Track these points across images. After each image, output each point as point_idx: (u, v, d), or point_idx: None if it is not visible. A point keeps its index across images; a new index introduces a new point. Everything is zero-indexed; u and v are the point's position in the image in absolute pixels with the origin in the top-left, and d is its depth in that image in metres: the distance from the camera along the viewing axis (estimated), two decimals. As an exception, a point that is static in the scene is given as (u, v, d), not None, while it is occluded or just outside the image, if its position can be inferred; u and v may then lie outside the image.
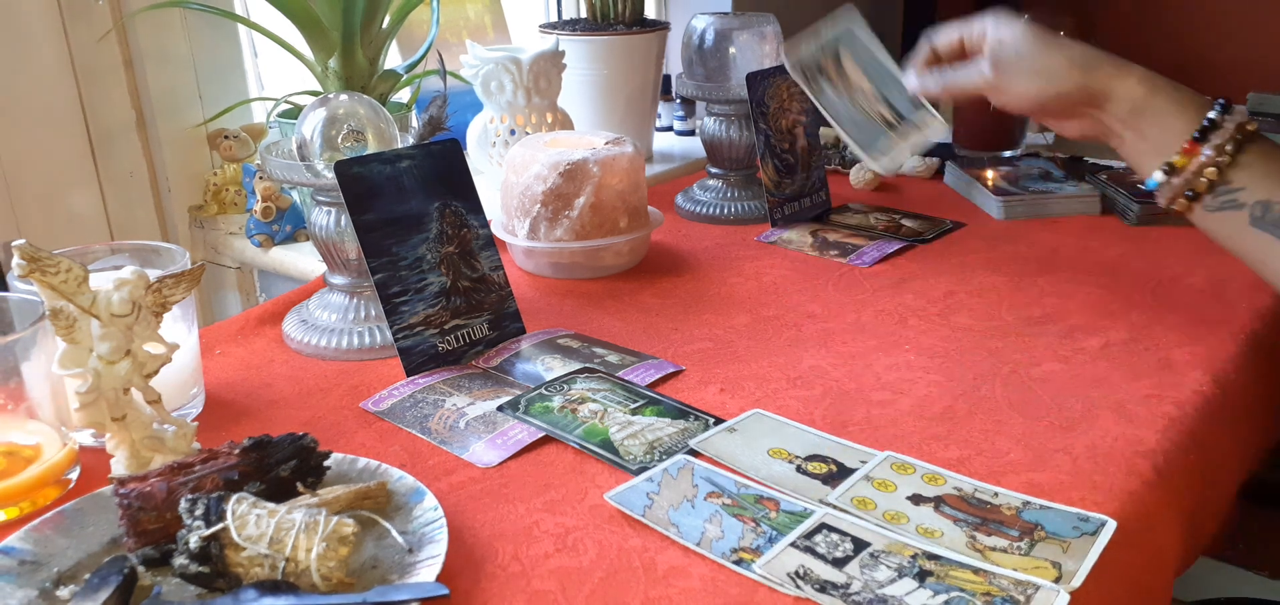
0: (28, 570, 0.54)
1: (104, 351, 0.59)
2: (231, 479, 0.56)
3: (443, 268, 0.80)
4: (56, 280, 0.58)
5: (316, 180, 0.79)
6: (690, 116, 1.63)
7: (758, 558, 0.55)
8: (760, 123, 1.11)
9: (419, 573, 0.52)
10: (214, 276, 1.23)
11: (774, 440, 0.67)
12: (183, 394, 0.72)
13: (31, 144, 1.04)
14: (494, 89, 1.25)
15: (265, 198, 1.12)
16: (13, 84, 1.02)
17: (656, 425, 0.69)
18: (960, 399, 0.73)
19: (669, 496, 0.61)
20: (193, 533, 0.51)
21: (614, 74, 1.37)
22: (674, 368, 0.79)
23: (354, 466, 0.62)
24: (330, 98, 0.81)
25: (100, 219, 1.11)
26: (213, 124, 1.19)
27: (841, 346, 0.82)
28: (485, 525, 0.59)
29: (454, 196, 0.82)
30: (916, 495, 0.61)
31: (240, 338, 0.86)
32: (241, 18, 1.17)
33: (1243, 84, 1.69)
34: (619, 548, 0.57)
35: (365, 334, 0.83)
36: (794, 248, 1.06)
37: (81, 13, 1.06)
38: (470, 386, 0.76)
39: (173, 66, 1.15)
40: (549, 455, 0.67)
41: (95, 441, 0.67)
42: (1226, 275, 0.93)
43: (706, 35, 1.17)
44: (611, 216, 0.97)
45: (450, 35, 1.48)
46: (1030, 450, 0.66)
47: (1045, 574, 0.53)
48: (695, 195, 1.20)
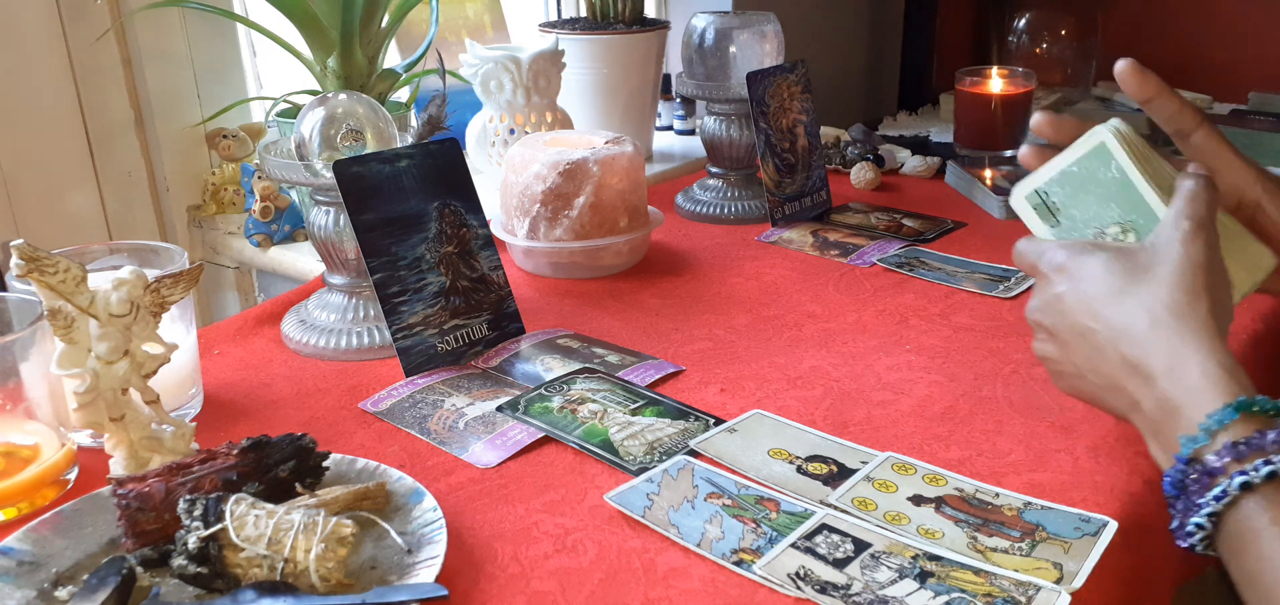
0: (26, 571, 0.53)
1: (102, 352, 0.59)
2: (230, 479, 0.55)
3: (442, 268, 0.80)
4: (55, 280, 0.57)
5: (315, 180, 0.79)
6: (690, 116, 1.62)
7: (758, 558, 0.55)
8: (760, 122, 1.10)
9: (418, 574, 0.52)
10: (212, 276, 1.22)
11: (774, 441, 0.67)
12: (181, 394, 0.72)
13: (30, 143, 1.04)
14: (493, 88, 1.24)
15: (264, 197, 1.12)
16: (11, 83, 1.02)
17: (656, 426, 0.69)
18: (961, 399, 0.73)
19: (669, 497, 0.61)
20: (191, 533, 0.50)
21: (614, 73, 1.37)
22: (674, 368, 0.79)
23: (353, 467, 0.62)
24: (329, 97, 0.81)
25: (98, 219, 1.11)
26: (211, 123, 1.19)
27: (842, 346, 0.82)
28: (484, 526, 0.59)
29: (453, 196, 0.82)
30: (917, 496, 0.61)
31: (239, 338, 0.86)
32: (240, 17, 1.17)
33: (1243, 84, 1.69)
34: (619, 548, 0.57)
35: (364, 334, 0.82)
36: (794, 247, 1.06)
37: (80, 12, 1.05)
38: (469, 387, 0.76)
39: (171, 66, 1.14)
40: (548, 456, 0.67)
41: (93, 442, 0.67)
42: (1227, 275, 0.93)
43: (706, 34, 1.17)
44: (611, 216, 0.97)
45: (449, 34, 1.48)
46: (1031, 451, 0.66)
47: (1046, 575, 0.53)
48: (695, 195, 1.20)
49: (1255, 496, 0.48)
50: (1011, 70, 1.34)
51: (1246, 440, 0.49)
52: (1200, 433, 0.51)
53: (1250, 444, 0.49)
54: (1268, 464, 0.48)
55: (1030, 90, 1.33)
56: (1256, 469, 0.48)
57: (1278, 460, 0.48)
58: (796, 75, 1.14)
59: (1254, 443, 0.49)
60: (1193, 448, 0.51)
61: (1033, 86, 1.34)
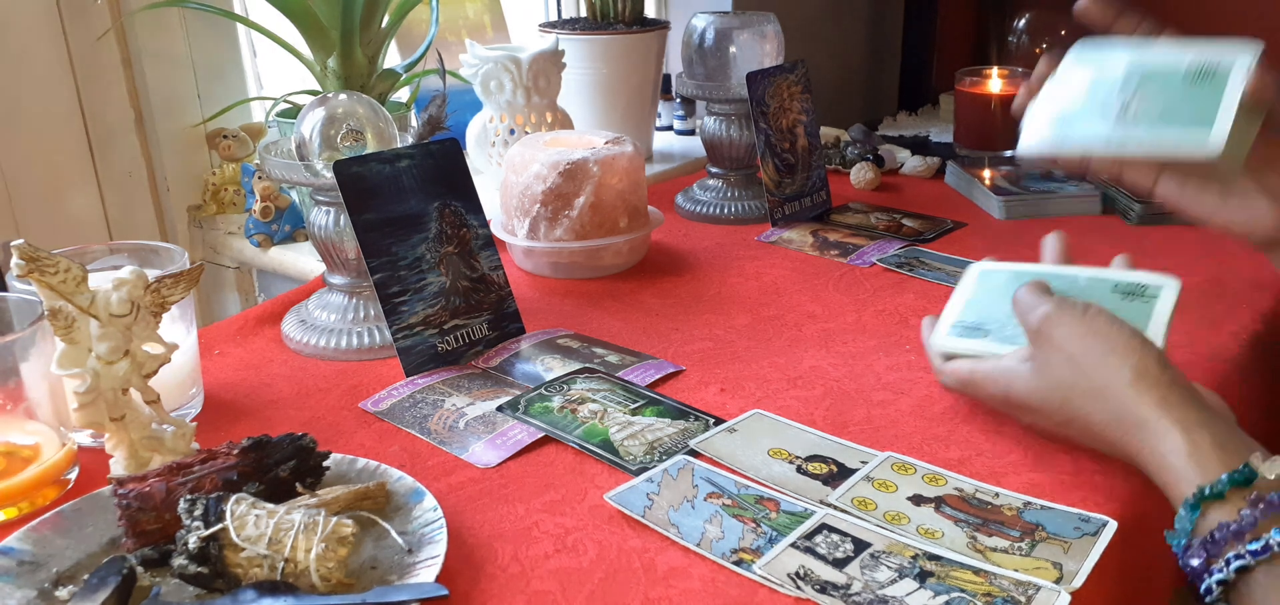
0: (26, 571, 0.53)
1: (103, 352, 0.59)
2: (230, 479, 0.55)
3: (442, 267, 0.80)
4: (55, 280, 0.57)
5: (315, 180, 0.79)
6: (690, 116, 1.62)
7: (758, 558, 0.55)
8: (760, 122, 1.10)
9: (418, 573, 0.52)
10: (213, 276, 1.23)
11: (774, 440, 0.67)
12: (181, 394, 0.72)
13: (30, 144, 1.04)
14: (493, 88, 1.24)
15: (264, 197, 1.12)
16: (11, 84, 1.02)
17: (656, 425, 0.69)
18: (961, 399, 0.73)
19: (669, 497, 0.61)
20: (191, 533, 0.51)
21: (614, 73, 1.37)
22: (674, 368, 0.79)
23: (353, 467, 0.62)
24: (329, 97, 0.81)
25: (99, 219, 1.11)
26: (212, 123, 1.19)
27: (842, 346, 0.82)
28: (485, 526, 0.59)
29: (453, 196, 0.82)
30: (917, 496, 0.61)
31: (239, 338, 0.86)
32: (240, 17, 1.17)
33: (1243, 84, 1.69)
34: (619, 548, 0.57)
35: (364, 334, 0.82)
36: (794, 247, 1.06)
37: (80, 12, 1.05)
38: (470, 387, 0.76)
39: (171, 66, 1.14)
40: (549, 455, 0.67)
41: (94, 442, 0.67)
42: (1228, 275, 0.93)
43: (706, 34, 1.17)
44: (611, 216, 0.97)
45: (449, 34, 1.48)
46: (1031, 450, 0.66)
47: (1046, 575, 0.53)
48: (695, 195, 1.20)
49: (1245, 582, 0.50)
50: (1011, 70, 1.34)
51: (1212, 535, 0.51)
52: (1177, 531, 0.54)
53: (1216, 540, 0.51)
54: (1238, 558, 0.50)
55: (1030, 90, 1.33)
56: (1228, 563, 0.50)
57: (1246, 554, 0.50)
58: (796, 75, 1.14)
59: (1219, 537, 0.51)
60: (1178, 545, 0.54)
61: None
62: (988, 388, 0.66)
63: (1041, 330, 0.62)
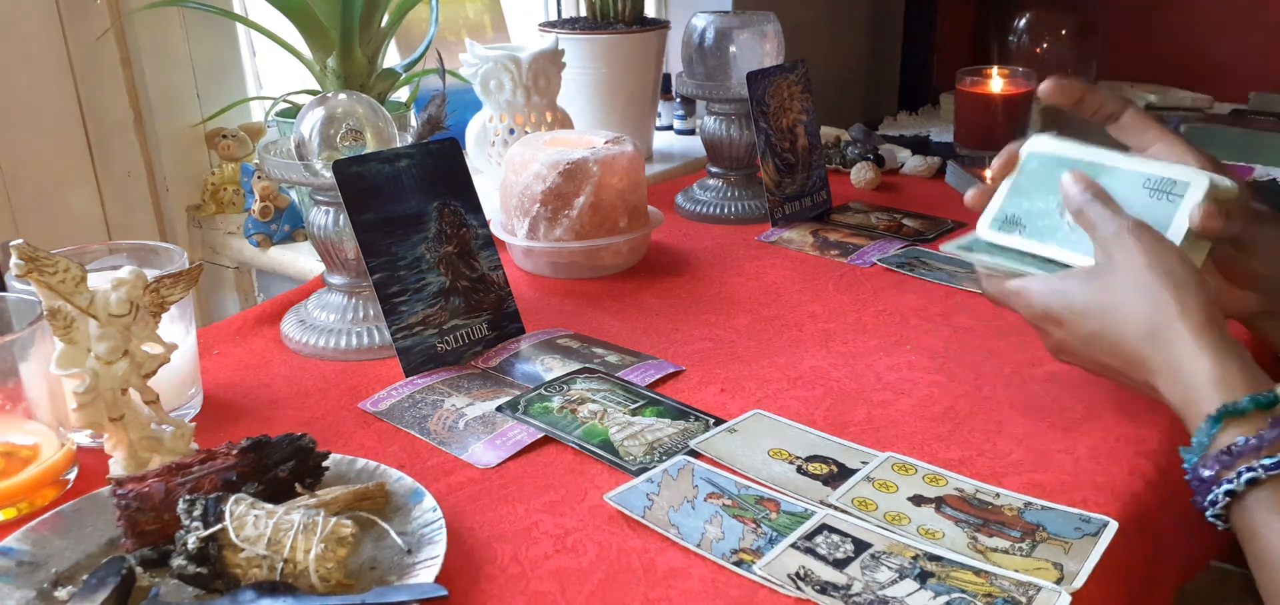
0: (26, 571, 0.53)
1: (102, 352, 0.59)
2: (229, 480, 0.55)
3: (442, 267, 0.80)
4: (54, 280, 0.57)
5: (315, 179, 0.79)
6: (690, 116, 1.62)
7: (758, 559, 0.55)
8: (760, 122, 1.10)
9: (418, 574, 0.52)
10: (212, 276, 1.22)
11: (774, 441, 0.67)
12: (181, 394, 0.72)
13: (29, 143, 1.04)
14: (493, 88, 1.24)
15: (263, 197, 1.12)
16: (10, 83, 1.02)
17: (656, 426, 0.69)
18: (961, 399, 0.73)
19: (669, 497, 0.61)
20: (191, 533, 0.50)
21: (614, 73, 1.37)
22: (674, 368, 0.79)
23: (352, 467, 0.62)
24: (329, 97, 0.81)
25: (98, 218, 1.11)
26: (211, 123, 1.19)
27: (842, 347, 0.82)
28: (484, 526, 0.59)
29: (453, 196, 0.82)
30: (918, 496, 0.61)
31: (238, 338, 0.86)
32: (240, 17, 1.17)
33: (1243, 84, 1.68)
34: (619, 549, 0.57)
35: (364, 334, 0.82)
36: (795, 247, 1.06)
37: (79, 11, 1.05)
38: (469, 387, 0.75)
39: (171, 65, 1.14)
40: (548, 456, 0.67)
41: (93, 442, 0.67)
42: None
43: (707, 34, 1.16)
44: (611, 216, 0.97)
45: (449, 34, 1.48)
46: (1032, 451, 0.66)
47: (1047, 575, 0.53)
48: (695, 195, 1.20)
49: (1253, 494, 0.53)
50: (1012, 70, 1.34)
51: (1229, 448, 0.54)
52: (1194, 445, 0.56)
53: (1231, 453, 0.54)
54: (1249, 471, 0.53)
55: (1030, 90, 1.33)
56: (1239, 475, 0.54)
57: (1259, 468, 0.53)
58: (796, 75, 1.14)
59: (1236, 450, 0.54)
60: (1192, 461, 0.57)
61: (1033, 86, 1.34)
62: (1036, 305, 0.67)
63: (1112, 248, 0.63)
